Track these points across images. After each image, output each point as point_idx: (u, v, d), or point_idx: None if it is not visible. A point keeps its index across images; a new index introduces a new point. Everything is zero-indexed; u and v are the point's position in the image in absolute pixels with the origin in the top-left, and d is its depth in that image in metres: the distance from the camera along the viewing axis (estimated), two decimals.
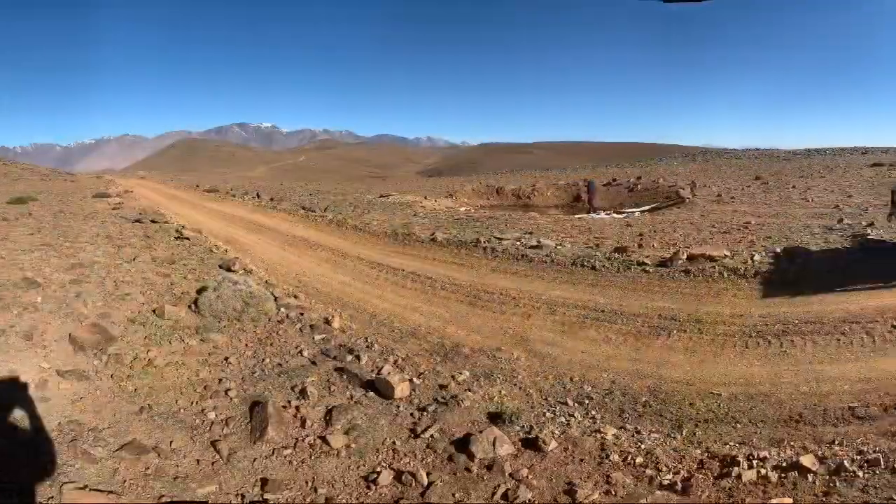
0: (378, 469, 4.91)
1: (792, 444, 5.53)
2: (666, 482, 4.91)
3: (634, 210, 29.09)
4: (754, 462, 5.13)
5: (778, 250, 12.51)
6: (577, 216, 25.52)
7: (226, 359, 6.93)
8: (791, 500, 4.58)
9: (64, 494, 4.08)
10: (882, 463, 4.86)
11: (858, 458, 5.03)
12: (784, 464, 5.08)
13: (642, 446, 5.50)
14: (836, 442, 5.45)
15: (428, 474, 4.87)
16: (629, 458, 5.24)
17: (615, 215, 26.62)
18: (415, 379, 6.69)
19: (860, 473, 4.77)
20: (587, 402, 6.53)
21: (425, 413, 5.90)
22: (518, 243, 14.30)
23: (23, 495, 4.00)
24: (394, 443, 5.36)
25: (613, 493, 4.74)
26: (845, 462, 4.95)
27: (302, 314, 8.84)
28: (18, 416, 4.88)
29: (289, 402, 5.93)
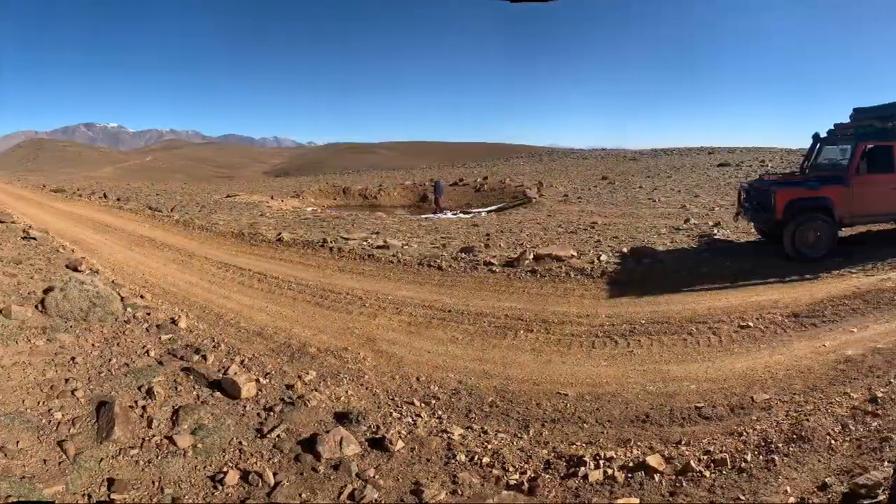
0: (225, 469, 5.26)
1: (639, 444, 6.10)
2: (513, 482, 5.36)
3: (481, 210, 31.39)
4: (601, 462, 5.65)
5: (625, 250, 13.78)
6: (423, 216, 27.42)
7: (72, 359, 7.12)
8: (638, 501, 5.08)
9: None
10: (728, 463, 5.47)
11: (705, 457, 5.63)
12: (631, 464, 5.62)
13: (489, 446, 6.00)
14: (683, 442, 6.07)
15: (275, 474, 5.25)
16: (476, 458, 5.76)
17: (462, 215, 28.72)
18: (261, 379, 7.15)
19: (707, 473, 5.35)
20: (434, 402, 7.08)
21: (272, 413, 6.34)
22: (365, 243, 15.63)
23: None
24: (240, 443, 5.74)
25: (460, 493, 5.16)
26: (692, 462, 5.52)
27: (149, 314, 9.25)
28: None
29: (135, 401, 6.21)
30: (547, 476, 5.46)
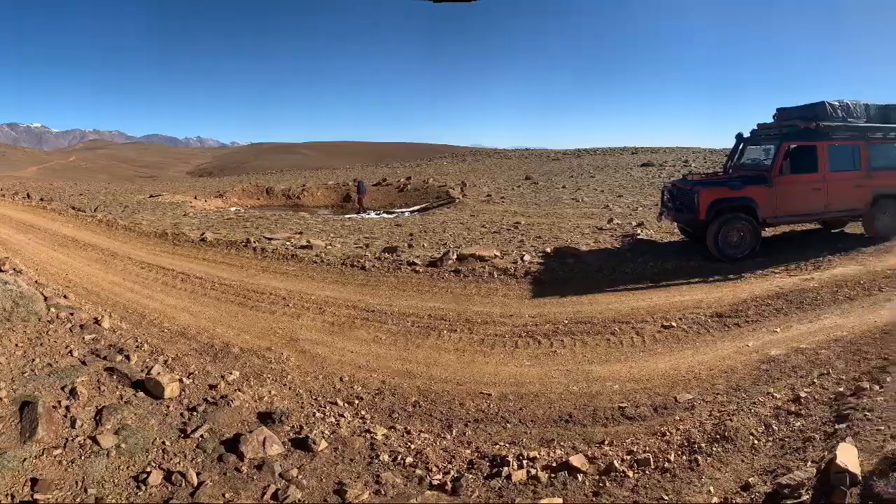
0: (148, 469, 5.37)
1: (562, 444, 6.24)
2: (436, 482, 5.48)
3: (405, 210, 31.95)
4: (524, 462, 5.77)
5: (548, 250, 13.99)
6: (347, 216, 27.92)
7: None
8: (561, 501, 5.18)
9: None
10: (652, 463, 5.63)
11: (628, 458, 5.78)
12: (554, 464, 5.75)
13: (412, 446, 6.19)
14: (606, 442, 6.21)
15: (198, 474, 5.39)
16: (399, 458, 5.95)
17: (385, 215, 29.17)
18: (185, 379, 7.26)
19: (630, 473, 5.50)
20: (357, 402, 7.28)
21: (195, 413, 6.46)
22: (288, 243, 15.73)
23: None
24: (164, 443, 5.84)
25: (383, 493, 5.31)
26: (615, 462, 5.66)
27: (72, 314, 8.99)
28: None
29: (59, 402, 6.18)
30: (470, 476, 5.57)
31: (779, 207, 13.19)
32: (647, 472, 5.50)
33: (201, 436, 5.96)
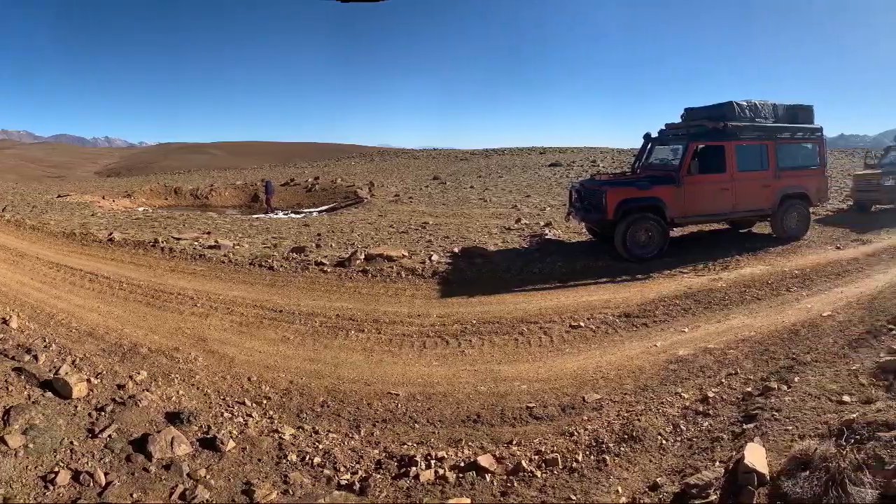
0: (56, 469, 5.37)
1: (470, 444, 6.29)
2: (344, 482, 5.54)
3: (312, 210, 32.26)
4: (432, 462, 5.83)
5: (456, 250, 14.11)
6: (255, 216, 28.05)
7: None
8: (469, 501, 5.25)
9: None
10: (560, 463, 5.73)
11: (536, 457, 5.88)
12: (462, 464, 5.82)
13: (320, 446, 6.28)
14: (514, 442, 6.29)
15: (106, 474, 5.42)
16: (307, 458, 6.05)
17: (293, 215, 29.42)
18: (93, 379, 7.25)
19: (538, 473, 5.60)
20: (265, 402, 7.31)
21: (103, 413, 6.47)
22: (196, 243, 15.91)
23: None
24: (72, 443, 5.84)
25: (291, 493, 5.39)
26: (523, 462, 5.75)
27: None
28: None
29: None
30: (378, 476, 5.63)
31: (687, 207, 13.54)
32: (555, 472, 5.60)
33: (109, 436, 5.98)
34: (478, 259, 13.31)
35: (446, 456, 5.94)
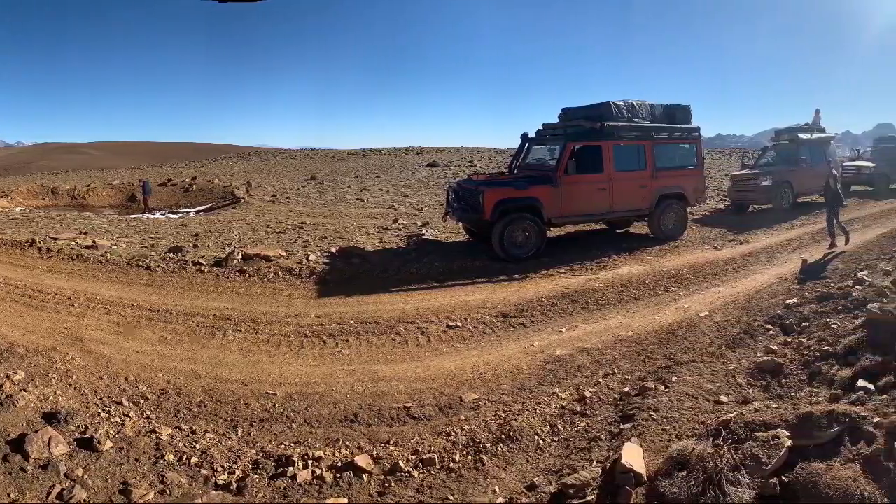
0: None
1: (347, 444, 6.35)
2: (221, 482, 5.57)
3: (190, 210, 31.87)
4: (310, 462, 5.88)
5: (333, 250, 14.17)
6: (132, 216, 27.42)
7: None
8: (346, 501, 5.33)
9: None
10: (437, 463, 5.86)
11: (414, 457, 6.00)
12: (339, 464, 5.88)
13: (197, 446, 6.30)
14: (392, 442, 6.37)
15: None
16: (184, 458, 6.07)
17: (171, 215, 29.08)
18: None
19: (415, 473, 5.71)
20: (142, 401, 7.28)
21: None
22: (73, 243, 15.69)
23: None
24: None
25: (168, 493, 5.40)
26: (401, 462, 5.85)
27: None
28: None
29: None
30: (255, 476, 5.65)
31: (564, 207, 13.83)
32: (432, 471, 5.73)
33: None
34: (355, 259, 13.40)
35: (324, 456, 5.99)
